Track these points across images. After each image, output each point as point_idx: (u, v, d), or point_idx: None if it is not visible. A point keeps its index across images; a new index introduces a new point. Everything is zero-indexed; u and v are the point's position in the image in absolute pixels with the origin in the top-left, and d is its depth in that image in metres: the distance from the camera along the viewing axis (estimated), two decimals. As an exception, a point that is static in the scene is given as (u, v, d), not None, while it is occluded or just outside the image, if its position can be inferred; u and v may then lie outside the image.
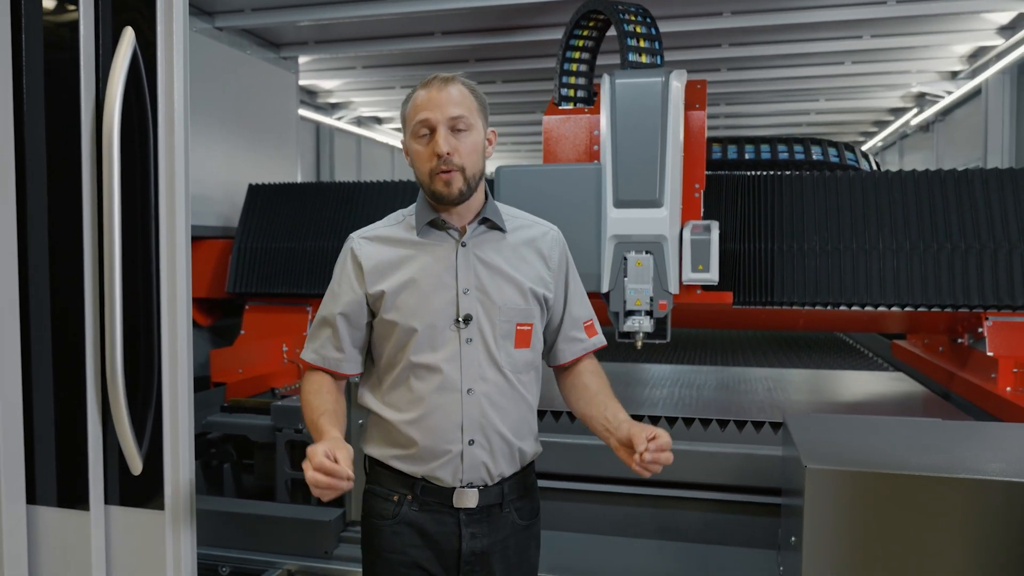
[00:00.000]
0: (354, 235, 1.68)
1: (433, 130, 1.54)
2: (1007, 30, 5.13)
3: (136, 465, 1.92)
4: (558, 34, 4.77)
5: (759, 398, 3.26)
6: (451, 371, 1.56)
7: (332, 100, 6.60)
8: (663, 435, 1.48)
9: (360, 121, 7.46)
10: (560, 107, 3.52)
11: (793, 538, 1.93)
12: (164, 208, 1.91)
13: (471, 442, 1.57)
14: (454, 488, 1.58)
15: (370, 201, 3.82)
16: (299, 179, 4.91)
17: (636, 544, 2.65)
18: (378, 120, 7.77)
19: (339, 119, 6.87)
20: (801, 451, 1.85)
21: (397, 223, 1.67)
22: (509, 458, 1.61)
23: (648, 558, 2.56)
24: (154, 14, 1.90)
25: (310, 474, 1.38)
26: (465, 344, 1.57)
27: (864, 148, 8.41)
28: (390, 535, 1.61)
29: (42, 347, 1.96)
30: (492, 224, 1.64)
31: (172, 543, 1.94)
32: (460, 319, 1.57)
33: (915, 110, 7.73)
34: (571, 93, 3.56)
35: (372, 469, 1.69)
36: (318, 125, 7.24)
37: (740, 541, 2.61)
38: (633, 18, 3.19)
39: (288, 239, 3.84)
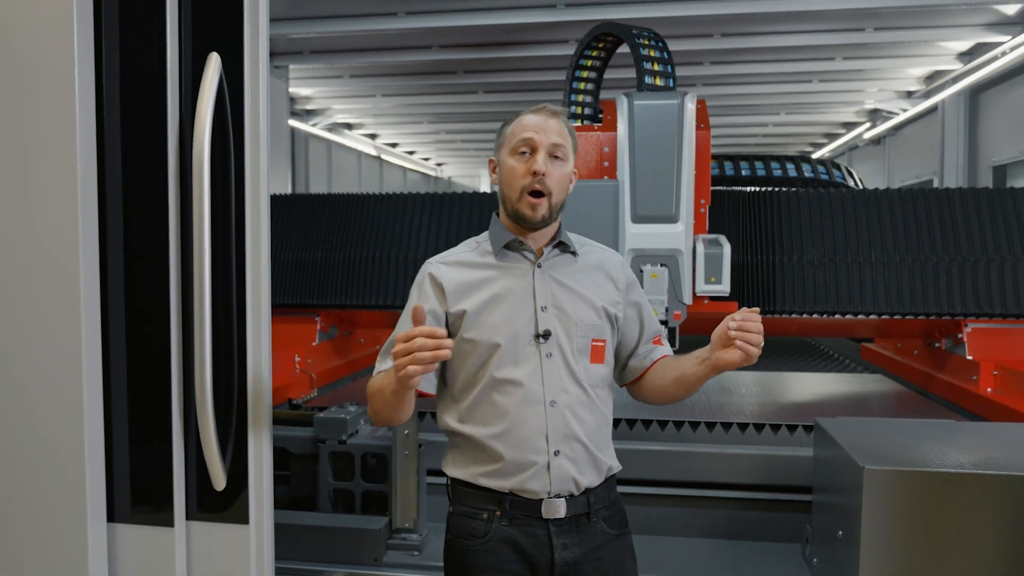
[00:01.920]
0: (431, 260, 1.73)
1: (534, 150, 1.62)
2: (965, 56, 5.52)
3: (220, 481, 1.95)
4: (541, 51, 4.96)
5: (763, 400, 3.45)
6: (533, 385, 1.60)
7: (309, 107, 6.60)
8: (746, 310, 1.52)
9: (331, 127, 7.47)
10: (569, 124, 3.65)
11: (841, 532, 2.11)
12: (250, 229, 1.96)
13: (556, 452, 1.60)
14: (542, 500, 1.61)
15: (381, 212, 3.88)
16: (290, 188, 4.92)
17: (666, 541, 2.78)
18: (348, 126, 7.79)
19: (314, 125, 6.86)
20: (853, 453, 2.01)
21: (471, 249, 1.73)
22: (593, 468, 1.65)
23: (678, 554, 2.70)
24: (241, 40, 1.95)
25: (418, 342, 1.37)
26: (545, 359, 1.62)
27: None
28: (483, 553, 1.62)
29: (119, 366, 1.98)
30: (565, 247, 1.70)
31: (256, 556, 1.99)
32: (540, 334, 1.62)
33: (867, 124, 8.18)
34: (579, 111, 3.71)
35: (456, 490, 1.70)
36: (293, 131, 7.21)
37: (762, 536, 2.77)
38: (647, 42, 3.35)
39: (297, 250, 3.87)
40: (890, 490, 1.90)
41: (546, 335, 1.62)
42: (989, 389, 3.37)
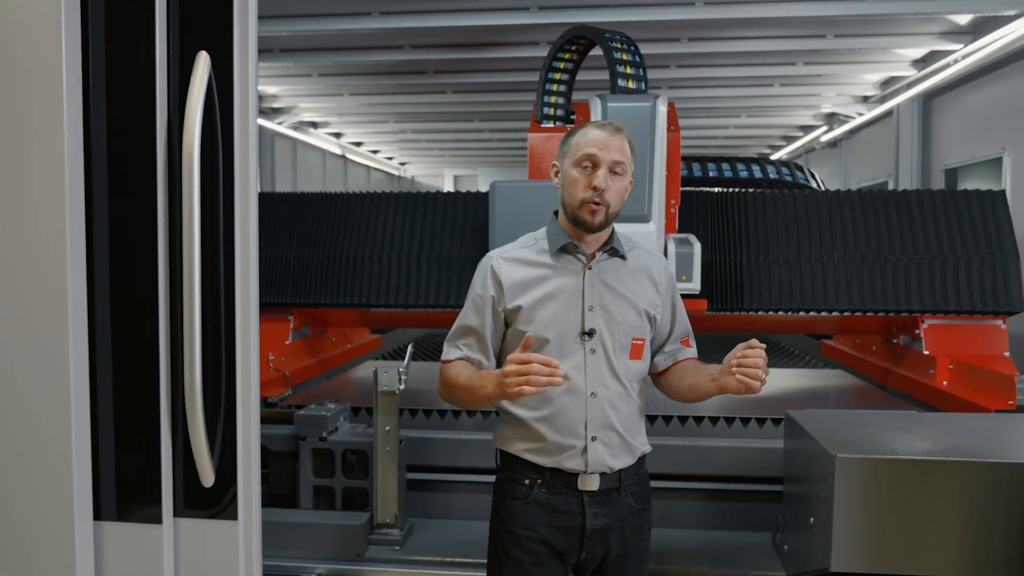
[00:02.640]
0: (492, 254, 1.88)
1: (596, 166, 1.75)
2: (919, 63, 5.73)
3: (208, 477, 1.96)
4: (513, 53, 5.03)
5: (730, 395, 3.55)
6: (577, 377, 1.77)
7: (275, 105, 6.55)
8: (754, 343, 1.65)
9: (297, 126, 7.42)
10: (542, 125, 3.72)
11: (812, 519, 2.20)
12: (239, 228, 1.97)
13: (594, 438, 1.78)
14: (579, 474, 1.79)
15: (354, 212, 3.89)
16: (259, 187, 4.89)
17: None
18: (314, 125, 7.74)
19: (280, 123, 6.82)
20: (825, 443, 2.11)
21: (529, 246, 1.87)
22: (625, 451, 1.82)
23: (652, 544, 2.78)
24: (230, 39, 1.96)
25: (535, 368, 1.56)
26: (589, 354, 1.78)
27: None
28: (522, 513, 1.81)
29: (105, 364, 1.99)
30: (615, 251, 1.84)
31: (245, 553, 2.00)
32: (586, 332, 1.78)
33: (824, 128, 8.43)
34: (552, 112, 3.77)
35: (503, 459, 1.89)
36: (259, 129, 7.15)
37: (734, 526, 2.86)
38: (620, 46, 3.43)
39: (270, 248, 3.86)
40: (860, 477, 2.00)
41: (591, 333, 1.78)
42: (945, 382, 3.52)
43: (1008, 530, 1.90)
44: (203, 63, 1.92)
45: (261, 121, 6.64)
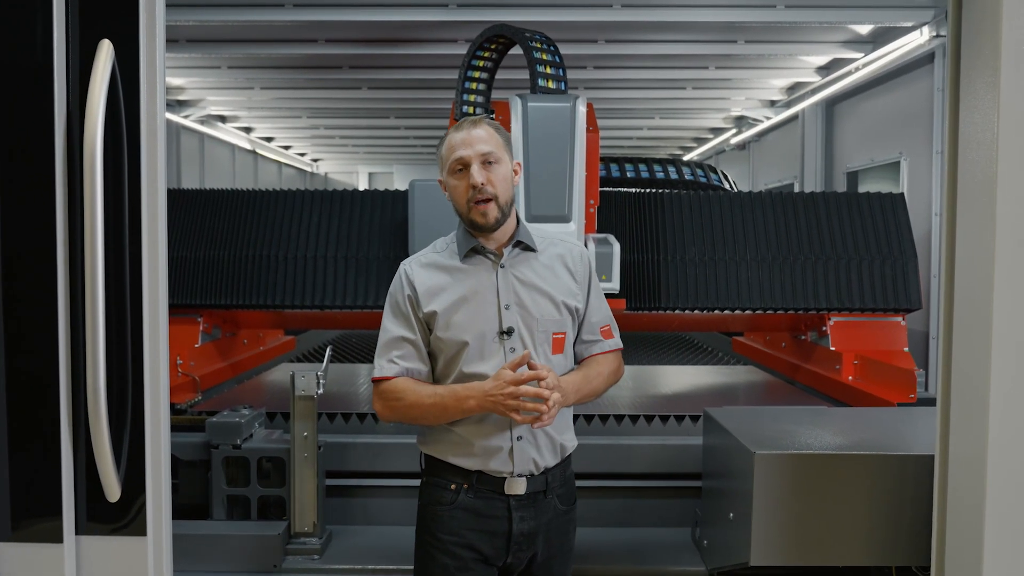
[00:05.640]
0: (406, 262, 1.86)
1: (467, 166, 1.74)
2: (823, 70, 5.99)
3: (114, 491, 1.86)
4: (430, 50, 4.98)
5: (648, 393, 3.62)
6: None
7: (182, 97, 6.28)
8: (543, 374, 1.66)
9: (204, 120, 7.13)
10: (462, 123, 3.68)
11: (732, 514, 2.25)
12: (146, 227, 1.89)
13: (519, 438, 1.76)
14: (505, 478, 1.77)
15: (267, 209, 3.77)
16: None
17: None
18: (222, 119, 7.46)
19: (186, 117, 6.54)
20: (743, 440, 2.16)
21: (440, 251, 1.86)
22: (552, 451, 1.81)
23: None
24: (136, 27, 1.86)
25: (525, 402, 1.64)
26: (509, 354, 1.76)
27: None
28: (448, 519, 1.79)
29: (-4, 372, 1.85)
30: (525, 246, 1.82)
31: (154, 569, 1.92)
32: (503, 332, 1.76)
33: (734, 130, 8.72)
34: (471, 110, 3.74)
35: (429, 463, 1.86)
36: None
37: (654, 522, 2.90)
38: (540, 46, 3.43)
39: (177, 247, 3.71)
40: (778, 472, 2.06)
41: (509, 332, 1.77)
42: (850, 377, 3.68)
43: (915, 519, 1.98)
44: (106, 52, 1.81)
45: (167, 114, 6.36)
